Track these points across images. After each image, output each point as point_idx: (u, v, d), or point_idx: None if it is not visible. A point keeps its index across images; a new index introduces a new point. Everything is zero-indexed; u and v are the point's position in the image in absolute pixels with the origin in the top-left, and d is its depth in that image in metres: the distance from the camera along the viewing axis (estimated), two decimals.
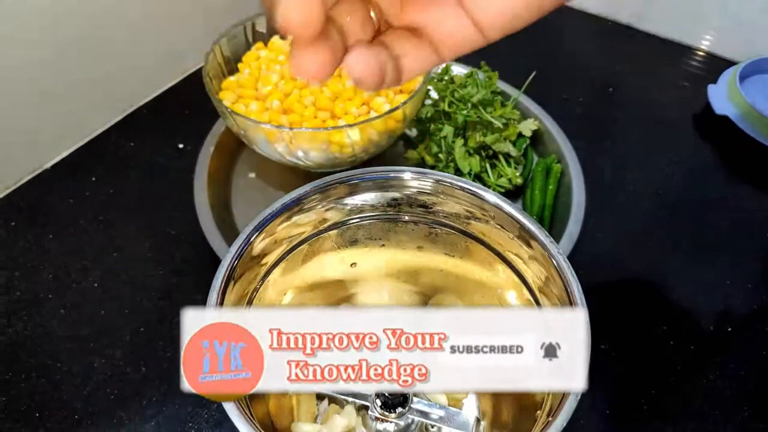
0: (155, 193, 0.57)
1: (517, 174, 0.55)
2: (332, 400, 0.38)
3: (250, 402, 0.31)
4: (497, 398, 0.38)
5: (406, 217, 0.36)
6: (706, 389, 0.44)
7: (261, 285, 0.34)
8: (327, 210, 0.35)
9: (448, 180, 0.33)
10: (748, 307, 0.49)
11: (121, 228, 0.54)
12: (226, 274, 0.30)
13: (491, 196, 0.32)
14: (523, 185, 0.55)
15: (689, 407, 0.44)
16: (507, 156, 0.55)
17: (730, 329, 0.48)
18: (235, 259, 0.30)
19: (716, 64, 0.73)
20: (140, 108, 0.66)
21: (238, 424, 0.25)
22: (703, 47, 0.76)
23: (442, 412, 0.35)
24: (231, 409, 0.25)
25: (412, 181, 0.34)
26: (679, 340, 0.47)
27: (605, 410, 0.43)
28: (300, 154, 0.50)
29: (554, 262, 0.30)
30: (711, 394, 0.44)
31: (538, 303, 0.33)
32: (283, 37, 0.33)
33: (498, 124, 0.53)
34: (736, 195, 0.59)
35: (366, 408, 0.36)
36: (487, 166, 0.55)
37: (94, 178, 0.58)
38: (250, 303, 0.33)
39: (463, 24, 0.22)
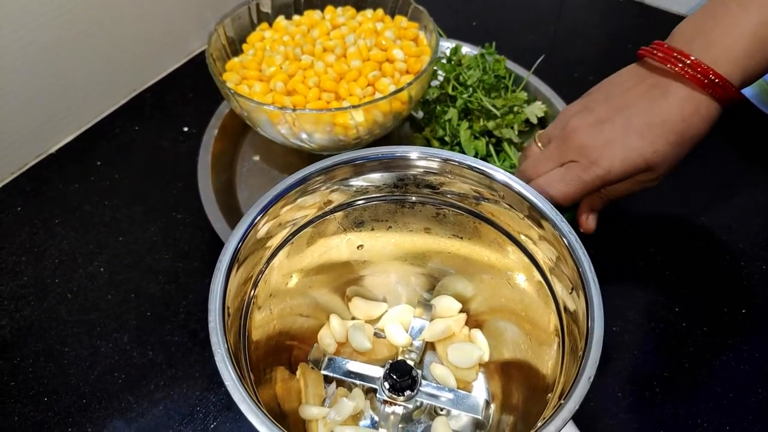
0: (160, 176, 0.57)
1: None
2: (340, 383, 0.38)
3: (257, 386, 0.31)
4: (507, 381, 0.37)
5: (413, 198, 0.36)
6: (719, 371, 0.44)
7: (266, 268, 0.33)
8: (332, 191, 0.34)
9: (456, 159, 0.32)
10: (762, 290, 0.48)
11: (126, 212, 0.54)
12: (231, 258, 0.29)
13: (500, 175, 0.31)
14: None
15: (702, 389, 0.43)
16: (510, 142, 0.54)
17: (744, 311, 0.47)
18: (240, 243, 0.30)
19: None
20: (144, 91, 0.65)
21: (243, 409, 0.25)
22: None
23: (450, 395, 0.35)
24: (236, 393, 0.25)
25: (419, 160, 0.33)
26: (692, 322, 0.46)
27: (617, 392, 0.43)
28: (304, 136, 0.49)
29: (565, 242, 0.29)
30: (724, 376, 0.43)
31: (549, 284, 0.32)
32: None
33: (495, 112, 0.52)
34: (752, 176, 0.57)
35: (374, 391, 0.36)
36: (493, 150, 0.54)
37: (99, 163, 0.58)
38: (255, 286, 0.33)
39: None
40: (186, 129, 0.61)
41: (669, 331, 0.46)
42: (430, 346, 0.40)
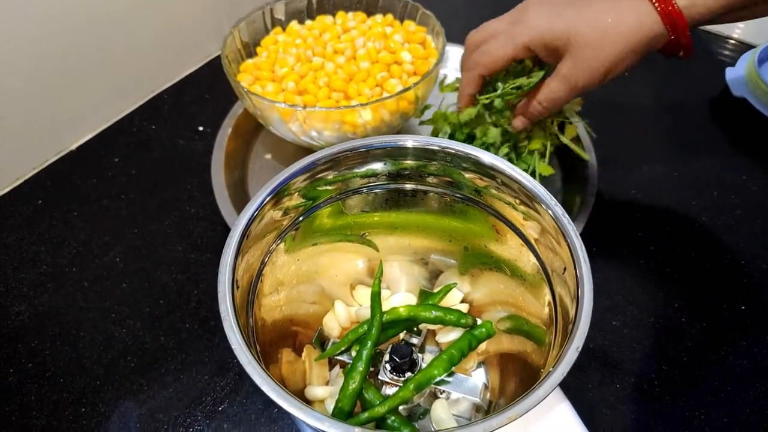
0: (175, 173, 0.59)
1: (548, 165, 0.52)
2: (343, 365, 0.39)
3: (267, 366, 0.32)
4: (505, 370, 0.38)
5: (416, 186, 0.37)
6: (717, 366, 0.44)
7: (274, 248, 0.35)
8: (336, 178, 0.36)
9: (453, 147, 0.33)
10: (761, 287, 0.49)
11: (142, 206, 0.56)
12: (241, 233, 0.31)
13: (492, 160, 0.32)
14: None
15: (700, 383, 0.43)
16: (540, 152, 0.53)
17: (743, 307, 0.47)
18: (249, 220, 0.31)
19: (735, 48, 0.72)
20: (162, 93, 0.68)
21: (249, 371, 0.26)
22: (721, 31, 0.75)
23: (450, 378, 0.36)
24: (242, 356, 0.26)
25: (418, 149, 0.34)
26: (692, 318, 0.47)
27: (616, 384, 0.43)
28: (314, 133, 0.51)
29: (559, 225, 0.30)
30: (722, 370, 0.44)
31: (544, 268, 0.33)
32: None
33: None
34: (752, 176, 0.58)
35: (376, 373, 0.37)
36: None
37: (116, 159, 0.60)
38: (263, 264, 0.34)
39: None
40: (201, 128, 0.63)
41: (668, 326, 0.47)
42: (431, 334, 0.41)
